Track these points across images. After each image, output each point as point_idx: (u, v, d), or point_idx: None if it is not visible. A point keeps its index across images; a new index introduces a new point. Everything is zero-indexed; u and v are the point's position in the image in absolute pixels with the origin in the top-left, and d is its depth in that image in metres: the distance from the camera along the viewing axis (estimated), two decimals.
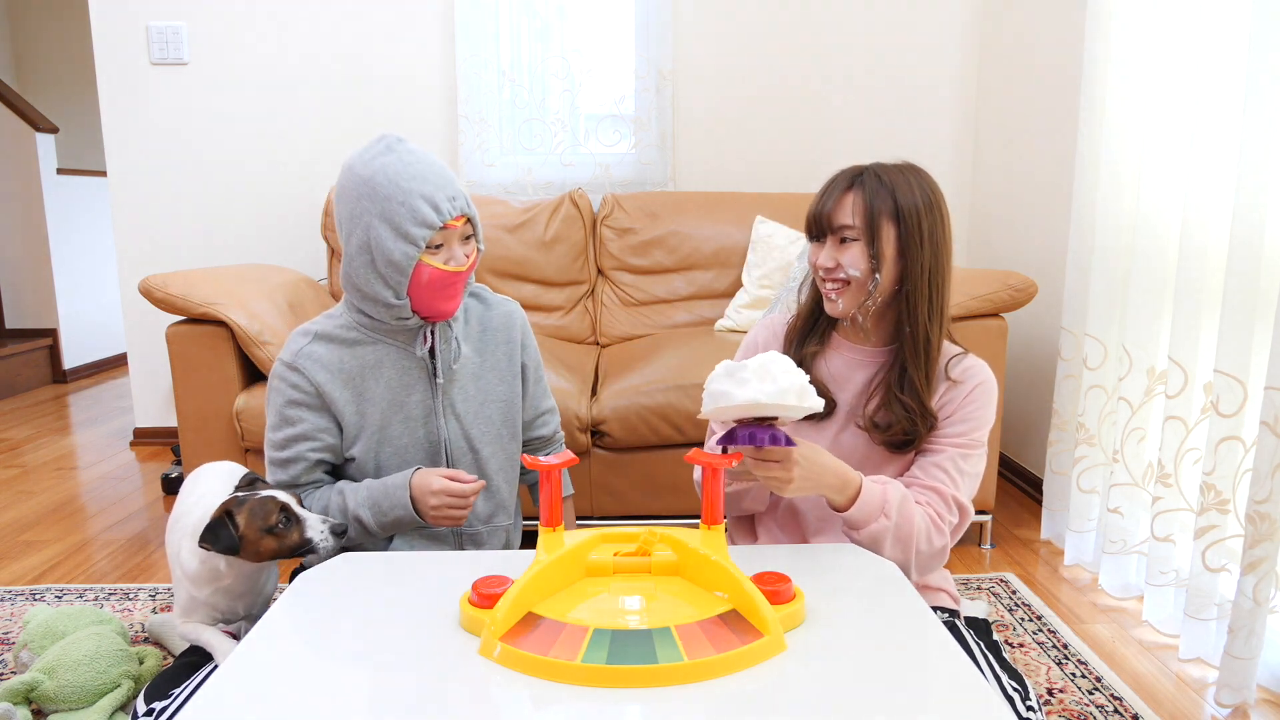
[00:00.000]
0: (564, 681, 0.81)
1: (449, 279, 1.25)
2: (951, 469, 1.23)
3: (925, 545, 1.18)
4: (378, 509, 1.29)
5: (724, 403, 1.02)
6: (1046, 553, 2.18)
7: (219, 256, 3.00)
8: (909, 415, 1.23)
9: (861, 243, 1.20)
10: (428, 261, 1.22)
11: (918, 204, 1.20)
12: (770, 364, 1.03)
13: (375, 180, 1.20)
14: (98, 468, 2.97)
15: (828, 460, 1.14)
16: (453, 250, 1.25)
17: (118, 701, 1.46)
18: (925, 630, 0.93)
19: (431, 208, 1.20)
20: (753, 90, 2.96)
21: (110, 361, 4.78)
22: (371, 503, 1.29)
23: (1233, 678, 1.49)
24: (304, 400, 1.31)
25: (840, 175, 1.24)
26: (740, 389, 1.01)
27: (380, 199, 1.20)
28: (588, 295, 2.80)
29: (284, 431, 1.32)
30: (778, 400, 1.00)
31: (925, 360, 1.23)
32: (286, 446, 1.32)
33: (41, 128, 4.23)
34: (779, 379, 1.01)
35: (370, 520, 1.29)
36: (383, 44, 2.91)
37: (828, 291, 1.25)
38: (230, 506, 1.27)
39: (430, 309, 1.27)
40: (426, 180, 1.20)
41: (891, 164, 1.24)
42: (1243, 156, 1.48)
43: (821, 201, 1.24)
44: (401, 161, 1.21)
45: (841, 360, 1.31)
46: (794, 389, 1.01)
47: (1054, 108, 2.43)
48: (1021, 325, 2.57)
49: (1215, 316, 1.60)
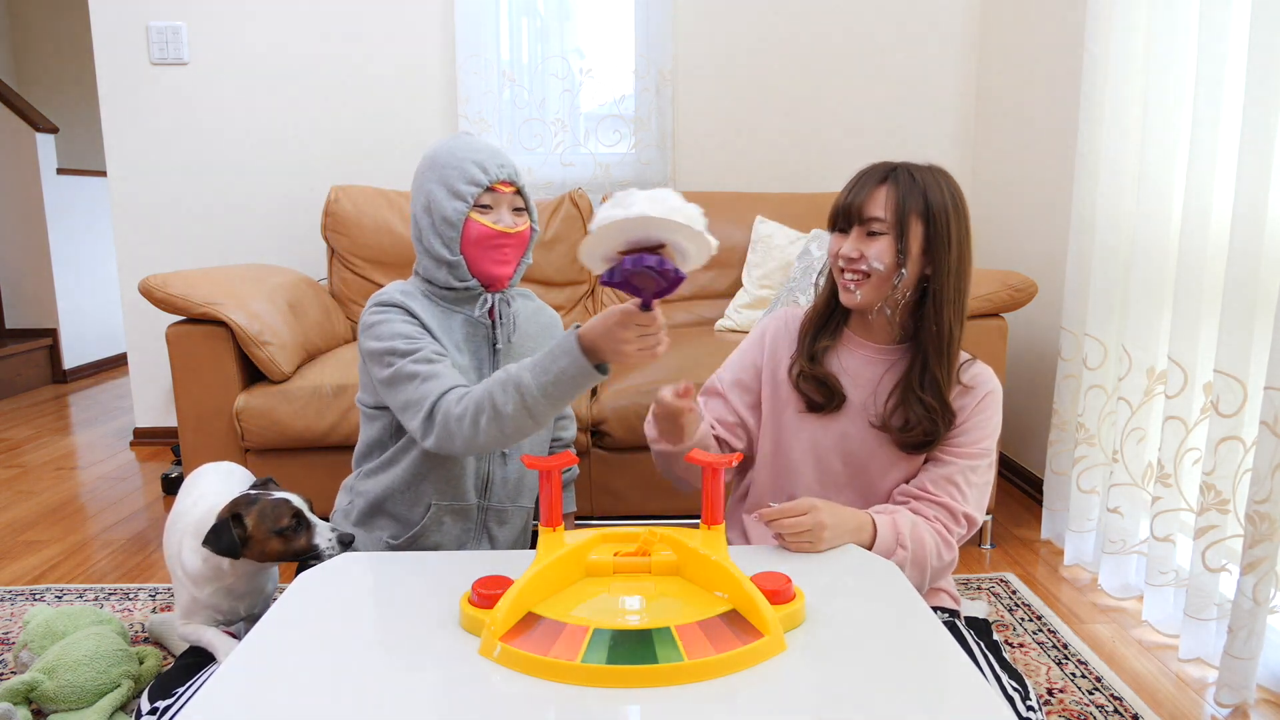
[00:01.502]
0: (564, 681, 0.81)
1: (497, 238, 1.34)
2: (961, 482, 1.24)
3: (937, 562, 1.21)
4: (540, 367, 1.18)
5: (607, 223, 0.96)
6: (1046, 553, 2.18)
7: (219, 256, 3.00)
8: (930, 415, 1.23)
9: (889, 237, 1.21)
10: (476, 219, 1.33)
11: (947, 205, 1.22)
12: (660, 192, 0.99)
13: (437, 154, 1.37)
14: (98, 468, 2.97)
15: (842, 510, 1.17)
16: (501, 213, 1.35)
17: (118, 701, 1.46)
18: (925, 630, 0.93)
19: (480, 169, 1.33)
20: (753, 90, 2.96)
21: (110, 361, 4.78)
22: (533, 364, 1.19)
23: (1232, 678, 1.49)
24: (414, 323, 1.33)
25: (872, 169, 1.25)
26: (629, 208, 0.96)
27: (439, 166, 1.35)
28: (588, 295, 2.80)
29: (408, 336, 1.30)
30: (666, 215, 0.94)
31: (948, 359, 1.24)
32: (418, 348, 1.29)
33: (41, 128, 4.23)
34: (669, 200, 0.97)
35: (531, 382, 1.17)
36: (383, 44, 2.91)
37: (845, 282, 1.25)
38: (239, 507, 1.27)
39: (483, 272, 1.36)
40: (480, 151, 1.35)
41: (921, 164, 1.25)
42: (1242, 156, 1.48)
43: (852, 193, 1.24)
44: (461, 140, 1.38)
45: (853, 356, 1.32)
46: (684, 211, 0.96)
47: (1054, 108, 2.43)
48: (1021, 325, 2.57)
49: (1215, 316, 1.60)
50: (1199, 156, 1.63)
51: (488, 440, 1.22)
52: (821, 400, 1.30)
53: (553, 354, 1.17)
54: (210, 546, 1.25)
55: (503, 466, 1.43)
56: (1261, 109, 1.45)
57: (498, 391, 1.19)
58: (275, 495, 1.30)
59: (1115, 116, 1.93)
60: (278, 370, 2.09)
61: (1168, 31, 1.78)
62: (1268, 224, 1.48)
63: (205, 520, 1.34)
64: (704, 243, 0.98)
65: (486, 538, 1.46)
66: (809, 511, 1.13)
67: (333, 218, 2.67)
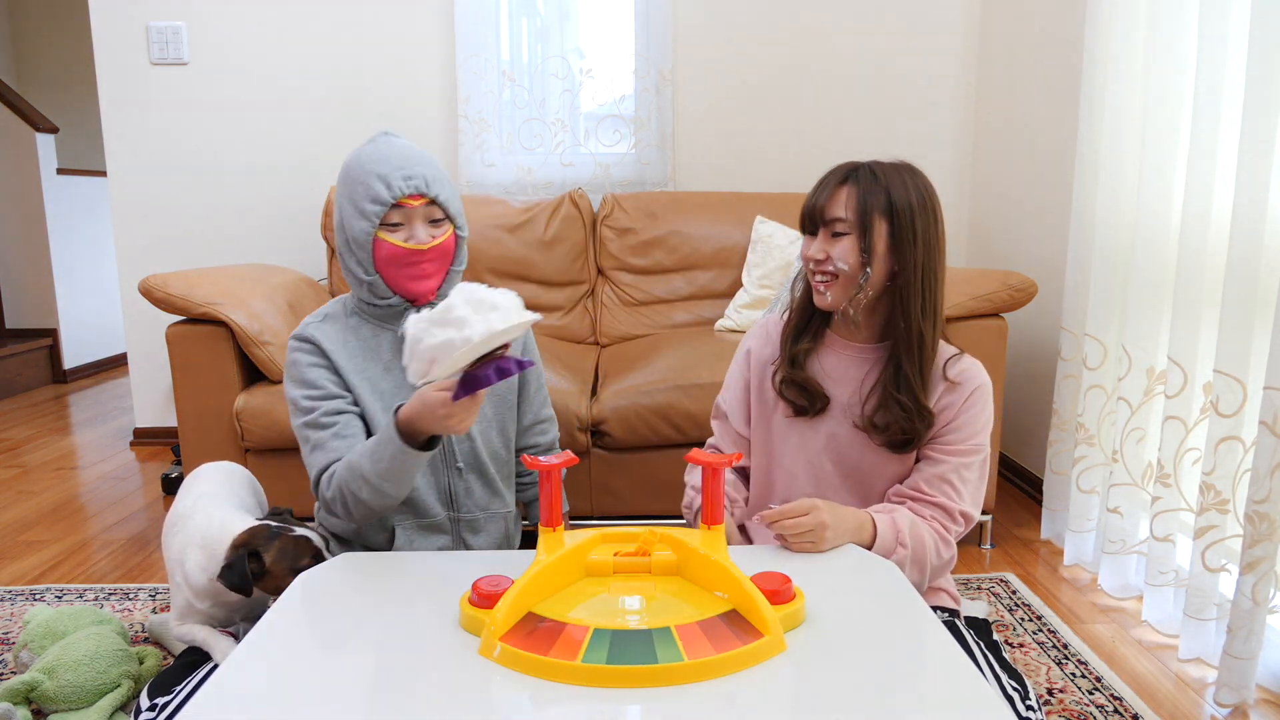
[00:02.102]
0: (564, 681, 0.81)
1: (409, 256, 1.28)
2: (955, 480, 1.24)
3: (936, 560, 1.22)
4: (374, 455, 1.19)
5: (455, 351, 0.96)
6: (1046, 553, 2.18)
7: (219, 256, 3.00)
8: (906, 414, 1.23)
9: (853, 236, 1.21)
10: (384, 238, 1.27)
11: (911, 202, 1.21)
12: (472, 294, 0.99)
13: (349, 165, 1.29)
14: (98, 468, 2.97)
15: (842, 509, 1.18)
16: (414, 229, 1.28)
17: (118, 701, 1.46)
18: (925, 630, 0.93)
19: (384, 185, 1.24)
20: (753, 90, 2.96)
21: (110, 361, 4.78)
22: (370, 450, 1.20)
23: (1232, 677, 1.49)
24: (321, 364, 1.31)
25: (835, 170, 1.25)
26: (465, 329, 0.96)
27: (347, 180, 1.28)
28: (588, 295, 2.80)
29: (307, 392, 1.29)
30: (508, 325, 0.97)
31: (920, 357, 1.23)
32: (314, 408, 1.28)
33: (41, 128, 4.23)
34: (494, 299, 0.98)
35: (370, 470, 1.18)
36: (383, 44, 2.91)
37: (817, 284, 1.26)
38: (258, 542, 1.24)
39: (403, 289, 1.31)
40: (387, 161, 1.26)
41: (888, 162, 1.25)
42: (1242, 157, 1.48)
43: (815, 195, 1.25)
44: (374, 147, 1.29)
45: (835, 357, 1.32)
46: (511, 309, 0.98)
47: (1054, 108, 2.43)
48: (1021, 325, 2.57)
49: (1215, 316, 1.60)
50: (1199, 156, 1.63)
51: (363, 518, 1.26)
52: (805, 404, 1.30)
53: (380, 441, 1.18)
54: (224, 581, 1.23)
55: (462, 479, 1.40)
56: (1261, 109, 1.45)
57: (350, 480, 1.21)
58: (296, 532, 1.27)
59: (1115, 116, 1.93)
60: (278, 370, 2.09)
61: (1168, 31, 1.78)
62: (1268, 224, 1.48)
63: (216, 536, 1.31)
64: (528, 316, 1.01)
65: (464, 549, 1.42)
66: (810, 512, 1.13)
67: (332, 218, 2.67)
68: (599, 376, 2.32)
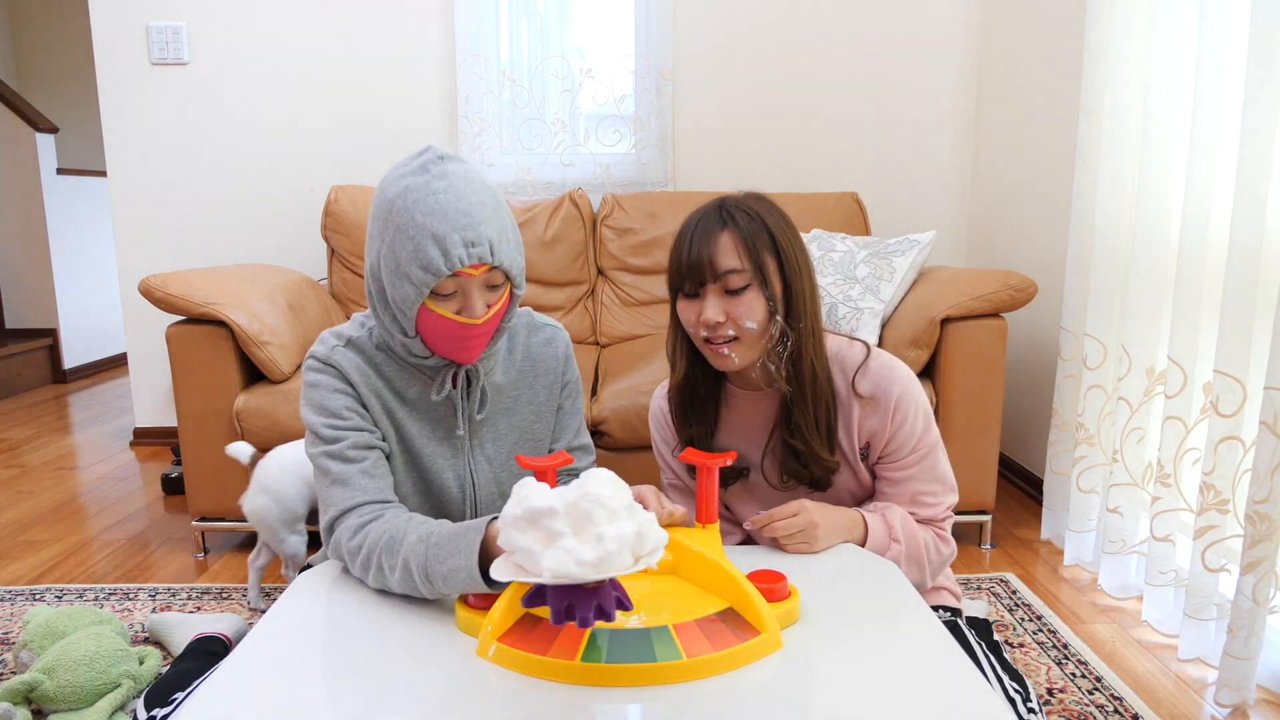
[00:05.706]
0: (563, 681, 0.81)
1: (459, 330, 1.06)
2: (924, 488, 1.21)
3: (935, 555, 1.21)
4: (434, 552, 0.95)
5: (529, 565, 0.75)
6: (1046, 553, 2.18)
7: (219, 256, 3.00)
8: (807, 465, 1.17)
9: (753, 287, 1.08)
10: (434, 308, 1.04)
11: (785, 229, 1.12)
12: (588, 497, 0.74)
13: (394, 204, 1.03)
14: (98, 468, 2.97)
15: (831, 508, 1.16)
16: (470, 300, 1.04)
17: (118, 701, 1.46)
18: (924, 629, 0.93)
19: (440, 251, 1.00)
20: (753, 90, 2.96)
21: (110, 361, 4.78)
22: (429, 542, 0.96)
23: (1232, 678, 1.49)
24: (346, 392, 1.12)
25: (701, 217, 1.11)
26: (549, 552, 0.73)
27: (393, 228, 1.02)
28: (588, 295, 2.80)
29: (330, 420, 1.11)
30: (598, 574, 0.72)
31: (813, 397, 1.14)
32: (339, 438, 1.10)
33: (41, 128, 4.23)
34: (603, 530, 0.73)
35: (416, 567, 0.96)
36: (383, 44, 2.91)
37: (715, 350, 1.12)
38: None
39: (445, 353, 1.10)
40: (445, 218, 1.00)
41: (741, 195, 1.15)
42: (1242, 157, 1.48)
43: (693, 247, 1.08)
44: (428, 188, 1.01)
45: (735, 415, 1.22)
46: (624, 539, 0.73)
47: (1054, 108, 2.43)
48: (1021, 325, 2.57)
49: (1215, 316, 1.60)
50: (1199, 156, 1.63)
51: (374, 585, 1.03)
52: (722, 481, 1.23)
53: (454, 540, 0.94)
54: None
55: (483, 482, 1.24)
56: (1261, 108, 1.45)
57: (385, 553, 0.99)
58: None
59: (1115, 116, 1.93)
60: (278, 370, 2.09)
61: (1168, 31, 1.78)
62: (1268, 224, 1.48)
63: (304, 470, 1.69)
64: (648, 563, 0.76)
65: None
66: (799, 512, 1.12)
67: (332, 218, 2.68)
68: (599, 376, 2.32)
